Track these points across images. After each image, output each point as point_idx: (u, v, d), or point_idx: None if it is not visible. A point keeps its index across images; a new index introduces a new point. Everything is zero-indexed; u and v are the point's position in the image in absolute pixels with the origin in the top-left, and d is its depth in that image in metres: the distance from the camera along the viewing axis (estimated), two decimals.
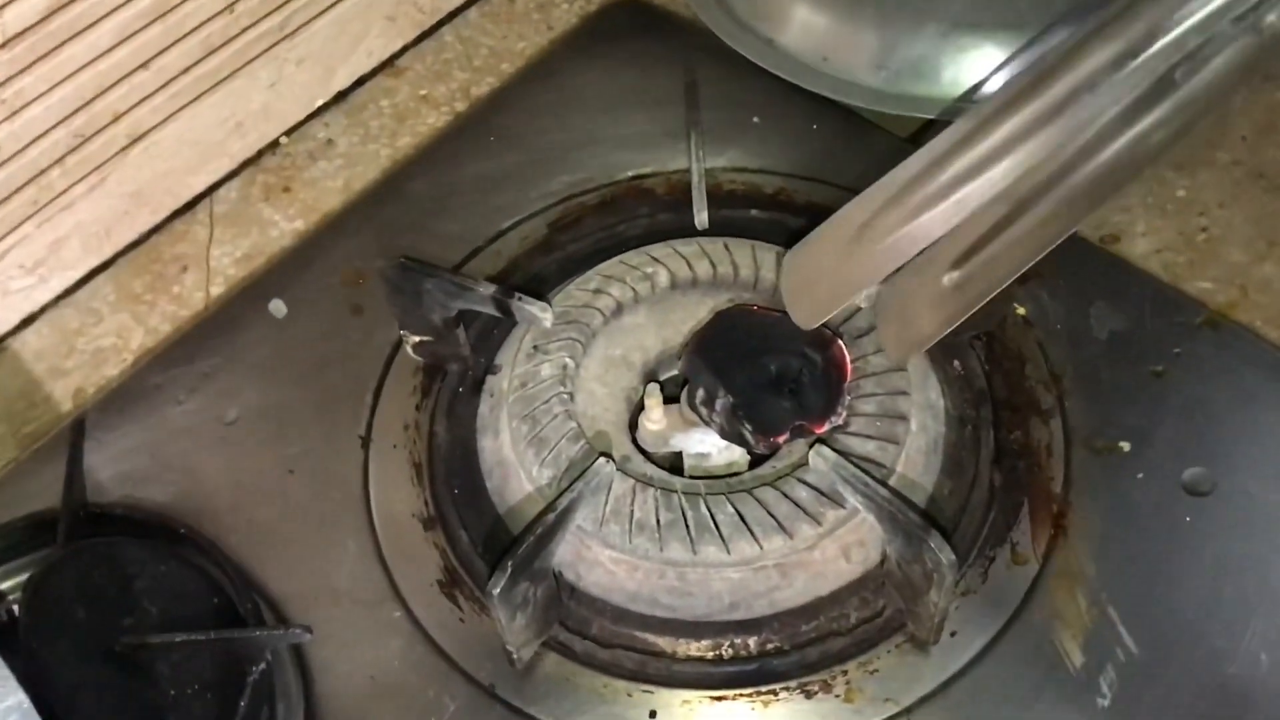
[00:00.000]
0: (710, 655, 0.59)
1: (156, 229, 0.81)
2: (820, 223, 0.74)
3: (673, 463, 0.65)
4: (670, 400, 0.65)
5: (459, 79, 0.89)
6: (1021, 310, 0.69)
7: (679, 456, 0.65)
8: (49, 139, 0.72)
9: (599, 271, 0.69)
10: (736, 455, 0.64)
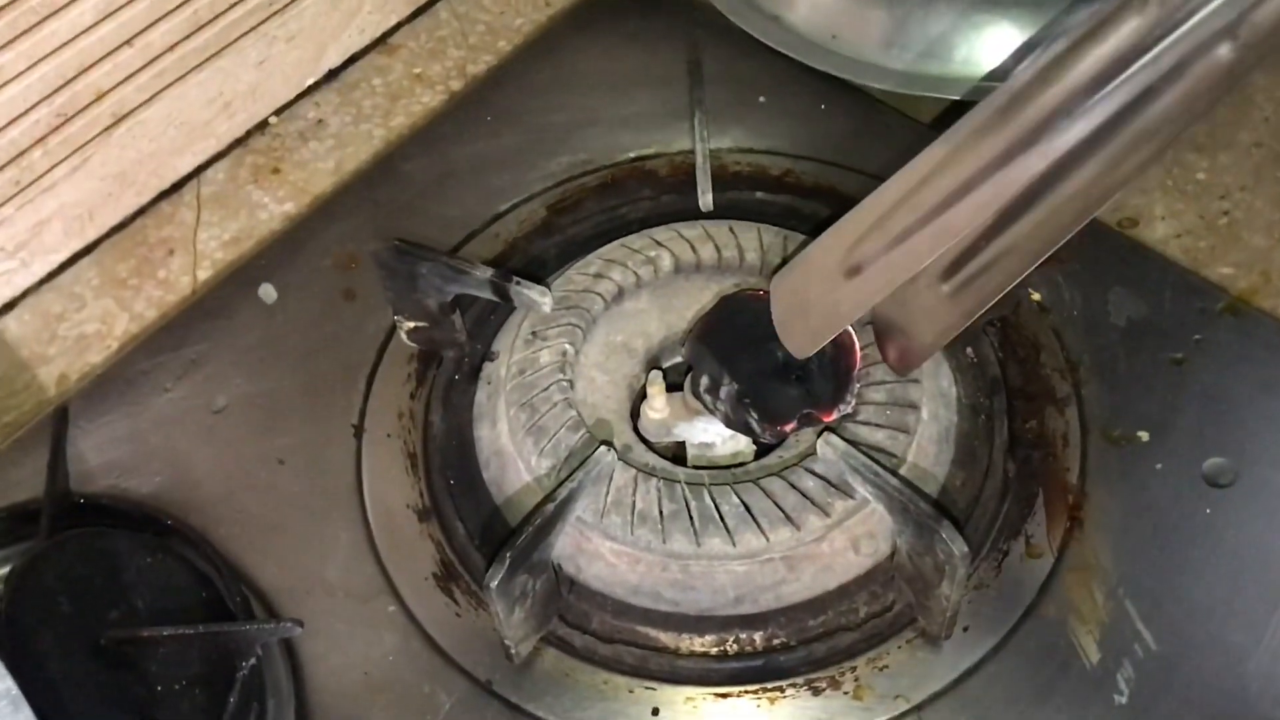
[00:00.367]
0: (714, 651, 0.59)
1: (141, 211, 0.81)
2: (826, 204, 0.74)
3: (676, 452, 0.65)
4: (673, 388, 0.65)
5: (455, 57, 0.88)
6: (1036, 296, 0.69)
7: (682, 446, 0.65)
8: (30, 118, 0.72)
9: (600, 255, 0.69)
10: (741, 445, 0.64)
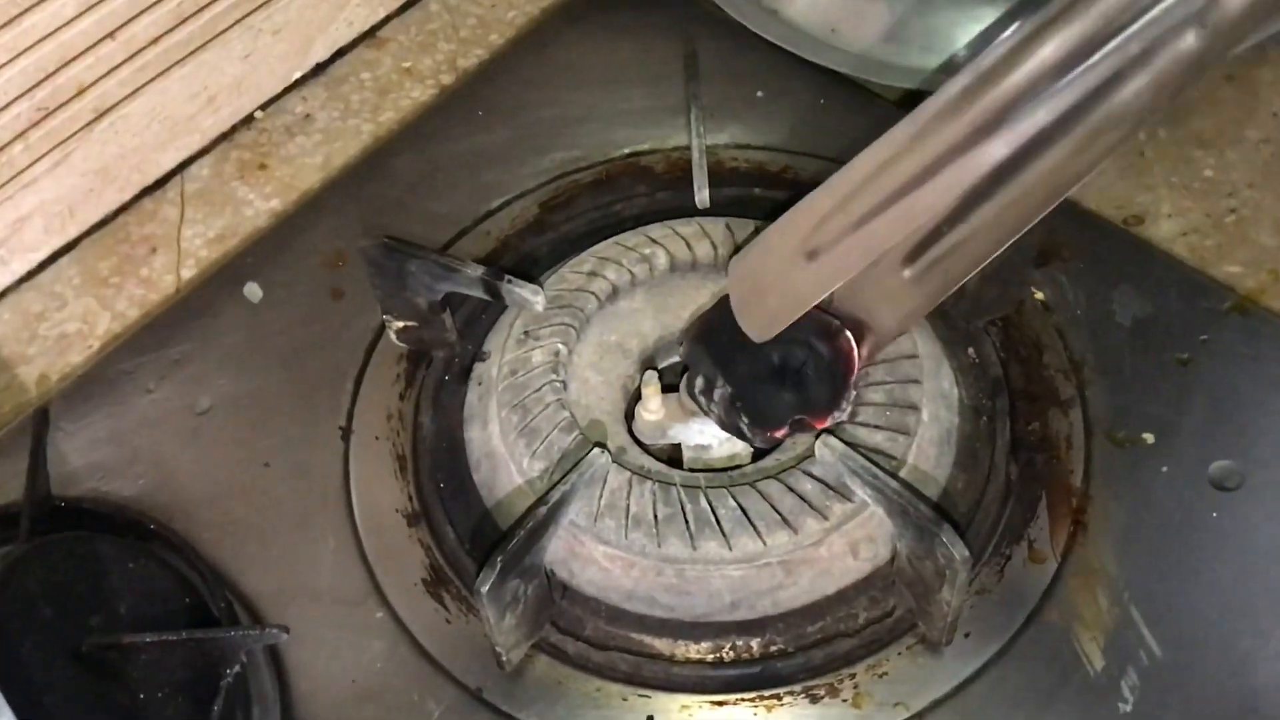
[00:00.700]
0: (710, 657, 0.59)
1: (124, 208, 0.81)
2: None
3: (671, 455, 0.65)
4: (669, 389, 0.65)
5: (445, 50, 0.89)
6: (1040, 295, 0.70)
7: (678, 448, 0.65)
8: (10, 113, 0.72)
9: (594, 253, 0.70)
10: (738, 447, 0.64)
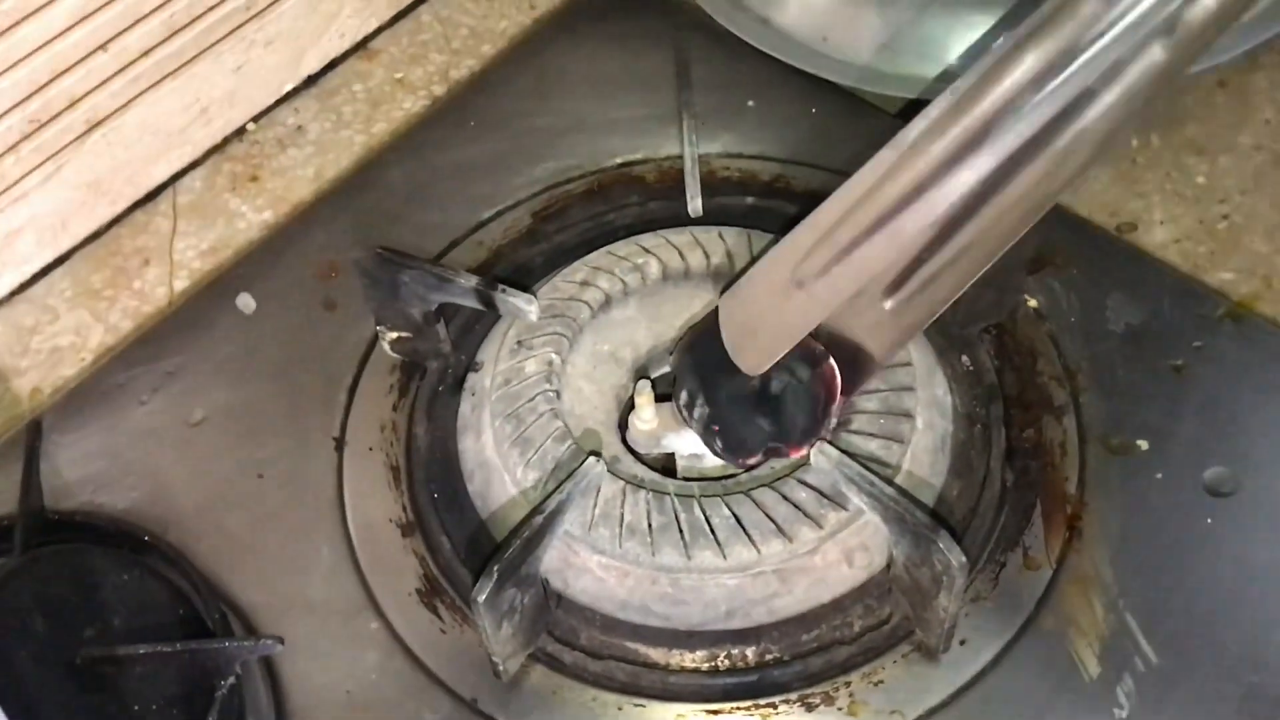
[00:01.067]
0: (706, 666, 0.60)
1: (116, 221, 0.81)
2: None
3: (665, 464, 0.65)
4: (662, 398, 0.65)
5: (437, 61, 0.89)
6: (1033, 302, 0.70)
7: (671, 457, 0.65)
8: (1, 125, 0.72)
9: (586, 263, 0.70)
10: None
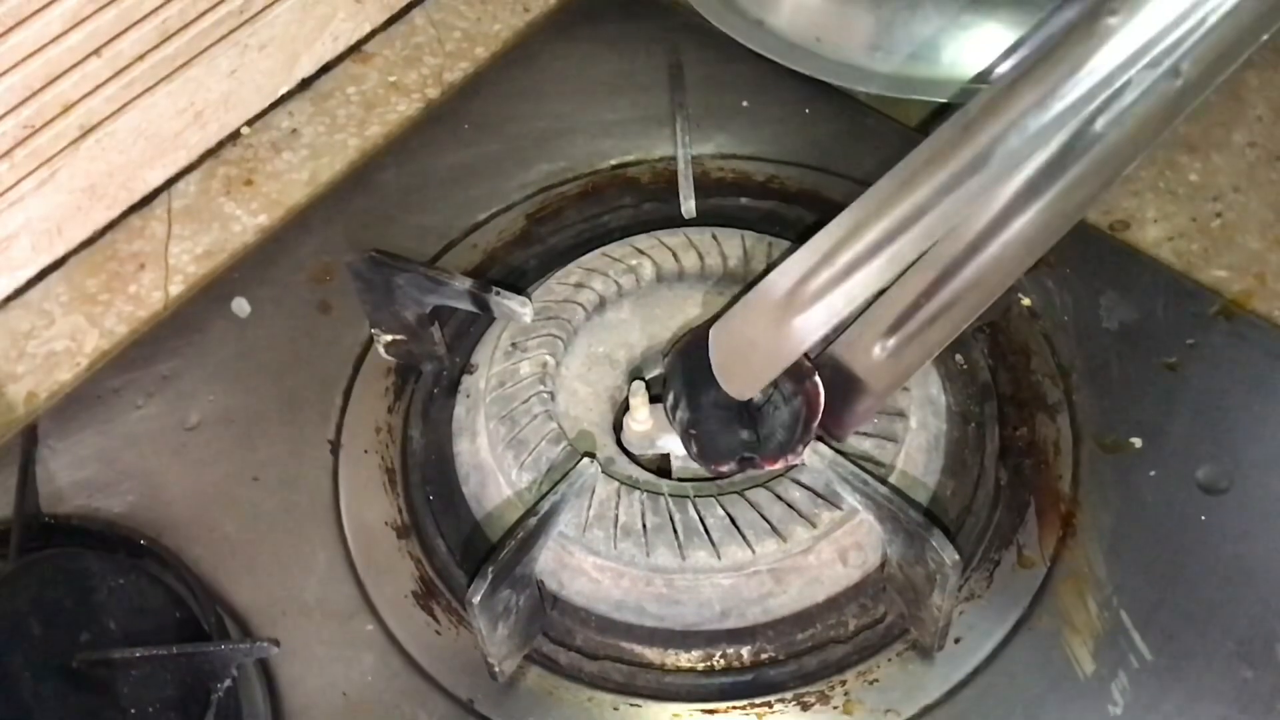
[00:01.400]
0: (701, 666, 0.60)
1: (111, 225, 0.81)
2: (811, 210, 0.75)
3: (660, 465, 0.65)
4: (656, 399, 0.65)
5: (431, 64, 0.89)
6: (1027, 301, 0.70)
7: (666, 458, 0.65)
8: None
9: (581, 264, 0.70)
10: None
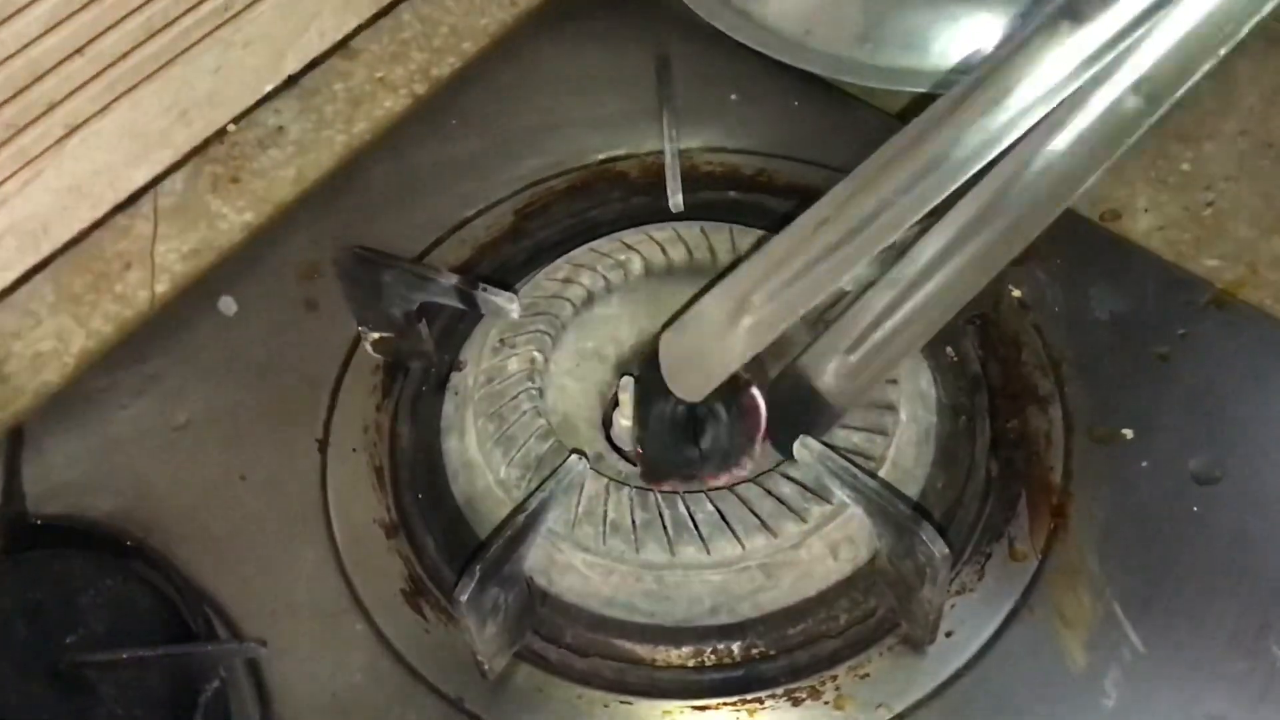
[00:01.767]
0: (692, 662, 0.60)
1: (97, 225, 0.81)
2: (800, 203, 0.74)
3: None
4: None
5: (418, 60, 0.89)
6: (1017, 292, 0.70)
7: None
8: None
9: (569, 260, 0.70)
10: None
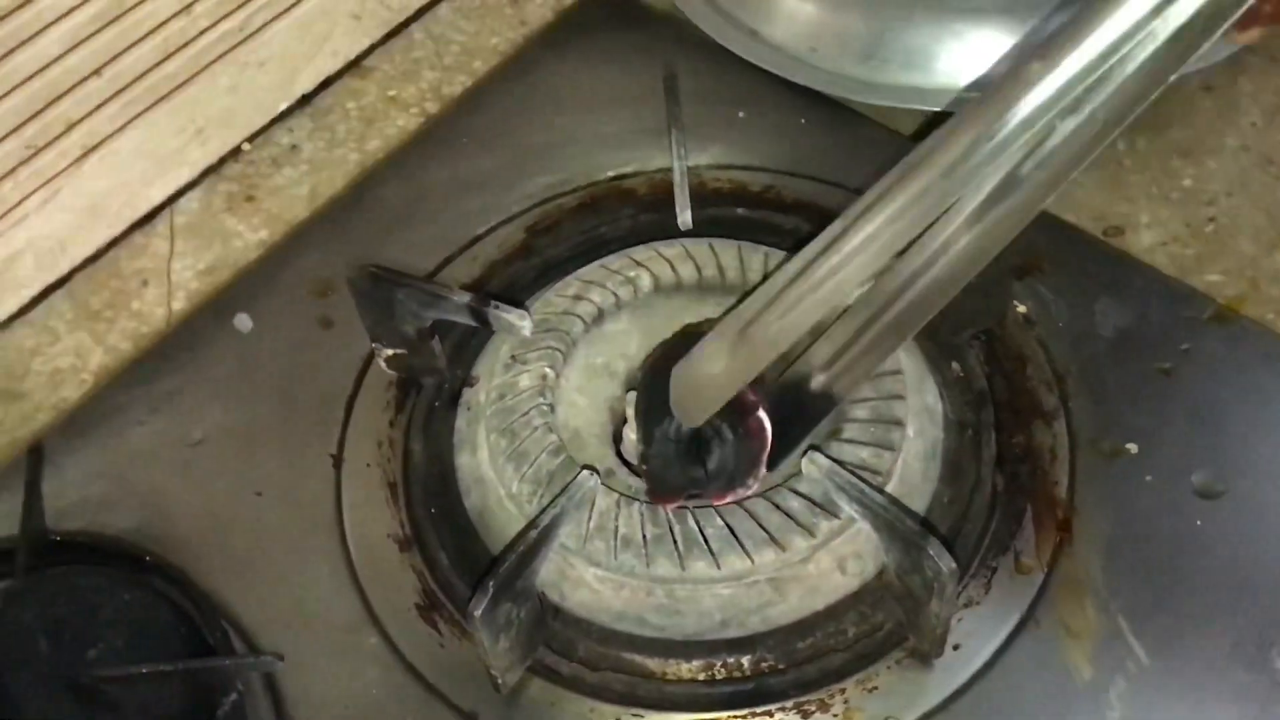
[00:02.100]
0: (702, 676, 0.60)
1: (114, 243, 0.81)
2: (808, 220, 0.75)
3: None
4: None
5: (429, 78, 0.90)
6: (1022, 308, 0.70)
7: None
8: None
9: (579, 276, 0.71)
10: None
